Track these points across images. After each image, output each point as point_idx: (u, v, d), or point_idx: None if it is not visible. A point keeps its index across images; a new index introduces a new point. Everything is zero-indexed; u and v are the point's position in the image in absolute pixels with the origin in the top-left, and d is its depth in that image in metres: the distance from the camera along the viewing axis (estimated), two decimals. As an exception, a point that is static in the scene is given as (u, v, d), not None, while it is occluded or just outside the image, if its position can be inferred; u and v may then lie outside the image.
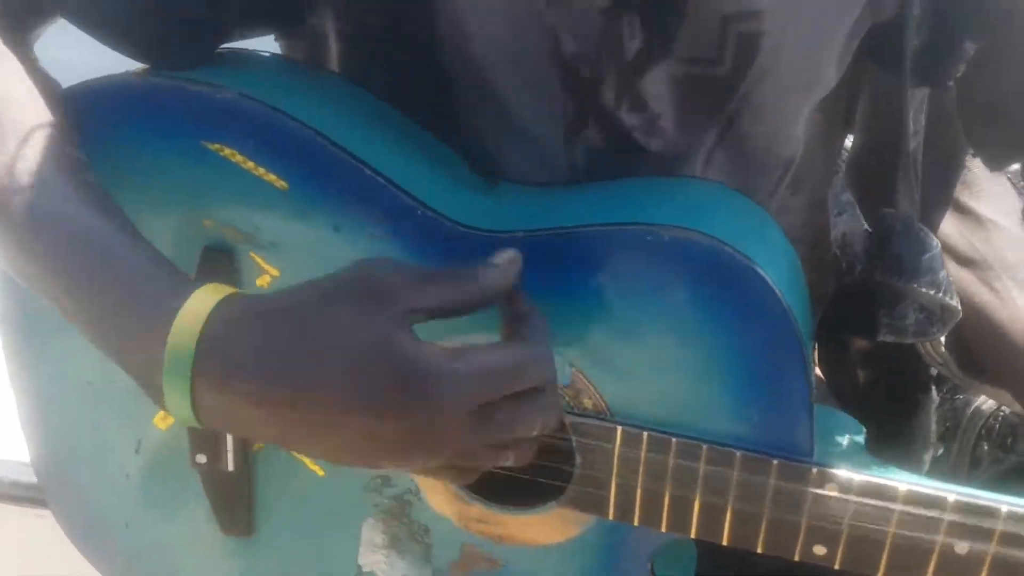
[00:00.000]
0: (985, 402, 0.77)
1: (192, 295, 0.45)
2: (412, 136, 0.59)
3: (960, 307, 0.66)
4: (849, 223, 0.75)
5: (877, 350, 0.75)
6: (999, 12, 0.53)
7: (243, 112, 0.54)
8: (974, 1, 0.55)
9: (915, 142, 0.65)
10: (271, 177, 0.55)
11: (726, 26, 0.55)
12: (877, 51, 0.64)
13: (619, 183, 0.58)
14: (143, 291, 0.46)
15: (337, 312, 0.43)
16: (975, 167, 0.72)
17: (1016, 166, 0.65)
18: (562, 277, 0.54)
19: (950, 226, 0.72)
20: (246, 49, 0.61)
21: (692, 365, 0.53)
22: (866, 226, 0.73)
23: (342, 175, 0.55)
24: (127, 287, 0.46)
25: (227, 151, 0.55)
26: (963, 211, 0.71)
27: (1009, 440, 0.76)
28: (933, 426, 0.77)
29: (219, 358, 0.43)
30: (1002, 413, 0.76)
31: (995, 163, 0.65)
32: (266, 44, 0.65)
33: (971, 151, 0.67)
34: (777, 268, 0.53)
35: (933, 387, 0.76)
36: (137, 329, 0.45)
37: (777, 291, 0.51)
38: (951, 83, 0.61)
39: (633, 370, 0.54)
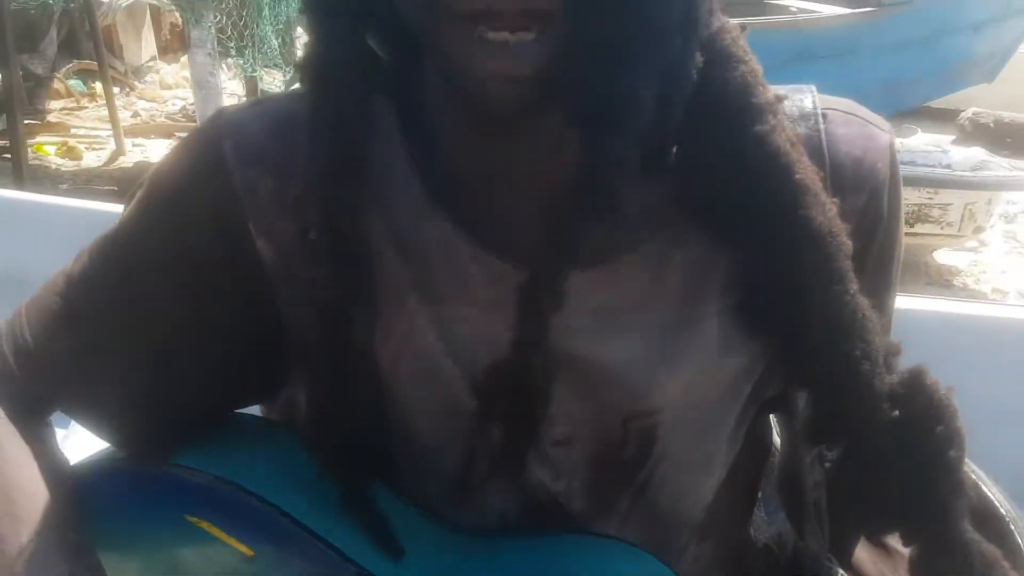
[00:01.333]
0: None
1: None
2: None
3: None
4: (784, 525, 0.82)
5: None
6: (854, 425, 0.63)
7: (218, 494, 0.65)
8: (828, 409, 0.64)
9: (817, 493, 0.73)
10: (241, 547, 0.65)
11: (627, 423, 0.64)
12: (773, 409, 0.73)
13: (534, 545, 0.67)
14: None
15: None
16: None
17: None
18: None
19: (863, 552, 0.79)
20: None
21: None
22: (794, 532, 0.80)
23: (299, 546, 0.64)
24: None
25: (204, 524, 0.65)
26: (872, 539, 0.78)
27: None
28: None
29: None
30: None
31: (869, 535, 0.73)
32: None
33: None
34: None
35: None
36: None
37: None
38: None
39: None
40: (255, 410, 0.76)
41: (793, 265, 0.60)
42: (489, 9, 0.52)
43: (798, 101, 0.66)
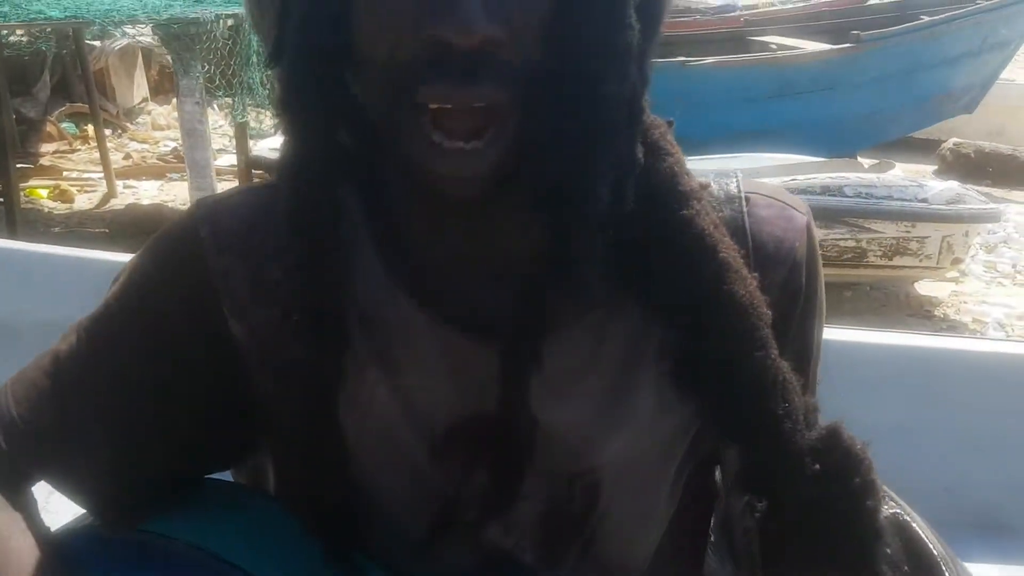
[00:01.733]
0: None
1: None
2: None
3: None
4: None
5: None
6: (778, 477, 0.68)
7: (191, 559, 0.70)
8: (754, 463, 0.69)
9: (748, 537, 0.79)
10: None
11: (572, 480, 0.70)
12: (710, 463, 0.79)
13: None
14: None
15: None
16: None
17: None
18: None
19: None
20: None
21: None
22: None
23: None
24: None
25: (177, 587, 0.70)
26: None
27: None
28: None
29: None
30: None
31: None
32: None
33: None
34: None
35: None
36: None
37: None
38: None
39: None
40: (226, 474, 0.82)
41: (719, 335, 0.66)
42: (448, 103, 0.57)
43: (724, 185, 0.73)
